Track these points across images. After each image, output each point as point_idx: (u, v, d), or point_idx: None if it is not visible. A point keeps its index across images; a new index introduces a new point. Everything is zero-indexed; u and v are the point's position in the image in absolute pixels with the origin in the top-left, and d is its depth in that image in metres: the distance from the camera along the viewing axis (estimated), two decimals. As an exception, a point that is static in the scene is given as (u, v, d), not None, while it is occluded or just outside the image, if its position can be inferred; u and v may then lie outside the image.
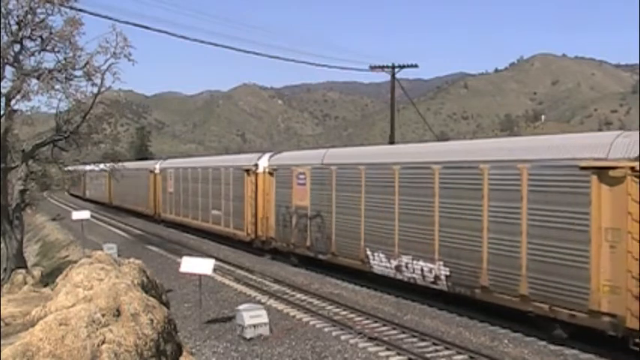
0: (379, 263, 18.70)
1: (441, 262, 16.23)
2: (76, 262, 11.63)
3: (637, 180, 11.57)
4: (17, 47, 22.28)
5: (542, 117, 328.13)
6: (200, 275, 16.30)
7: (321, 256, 21.87)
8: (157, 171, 43.29)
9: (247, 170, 27.54)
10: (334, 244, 20.96)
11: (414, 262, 17.18)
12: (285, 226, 24.39)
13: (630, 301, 11.55)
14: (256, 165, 26.86)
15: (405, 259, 17.59)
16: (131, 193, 50.13)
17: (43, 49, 22.51)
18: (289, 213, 23.98)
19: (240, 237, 28.48)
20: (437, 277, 16.41)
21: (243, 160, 29.52)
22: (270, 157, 26.48)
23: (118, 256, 18.53)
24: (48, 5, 21.60)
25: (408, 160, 18.07)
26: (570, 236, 12.70)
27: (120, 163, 31.21)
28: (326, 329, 14.74)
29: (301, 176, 23.19)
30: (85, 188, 71.68)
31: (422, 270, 16.92)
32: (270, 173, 25.64)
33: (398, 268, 17.87)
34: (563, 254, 12.83)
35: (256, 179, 26.73)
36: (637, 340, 11.92)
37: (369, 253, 19.15)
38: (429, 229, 16.66)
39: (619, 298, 11.76)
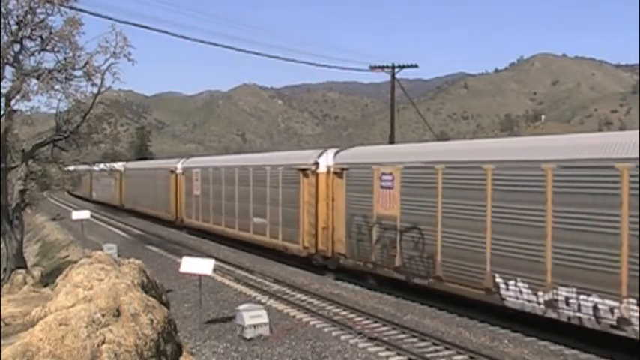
0: (517, 295, 14.03)
1: (632, 299, 11.61)
2: (76, 262, 11.64)
3: None
4: (17, 47, 22.30)
5: (542, 117, 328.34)
6: (200, 275, 16.30)
7: (417, 281, 17.08)
8: (178, 171, 38.22)
9: (304, 170, 22.72)
10: (440, 265, 16.12)
11: (581, 296, 12.56)
12: (360, 240, 19.60)
13: None
14: (316, 164, 22.11)
15: (563, 291, 12.93)
16: (147, 195, 45.45)
17: (43, 49, 22.52)
18: (368, 224, 19.14)
19: (292, 251, 23.61)
20: (622, 320, 11.84)
21: (298, 158, 24.50)
22: (337, 153, 21.78)
23: (118, 256, 18.53)
24: (48, 5, 21.61)
25: (571, 157, 13.14)
26: None
27: (134, 162, 30.86)
28: (326, 329, 14.73)
29: (386, 178, 18.42)
30: (92, 189, 66.66)
31: (595, 308, 12.32)
32: (338, 174, 20.93)
33: (551, 303, 13.21)
34: None
35: (317, 181, 22.01)
36: None
37: (499, 280, 14.47)
38: (612, 252, 11.95)
39: None
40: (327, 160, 21.93)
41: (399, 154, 19.50)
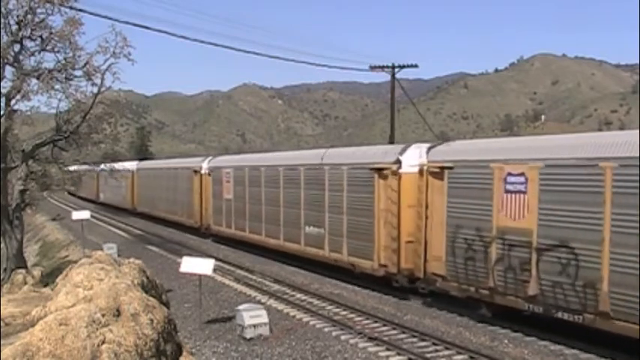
0: None
1: None
2: (76, 262, 11.64)
3: None
4: (17, 47, 22.30)
5: (542, 117, 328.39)
6: (200, 275, 16.31)
7: (565, 316, 13.06)
8: (204, 170, 33.52)
9: (381, 170, 18.43)
10: (606, 297, 12.12)
11: None
12: (471, 258, 15.37)
13: None
14: (398, 162, 17.96)
15: None
16: (164, 197, 40.70)
17: (43, 49, 22.52)
18: (483, 239, 15.01)
19: (363, 269, 19.24)
20: None
21: (371, 155, 19.95)
22: (431, 148, 17.29)
23: (118, 256, 18.53)
24: (48, 5, 21.61)
25: None
26: None
27: (148, 162, 30.31)
28: (326, 329, 14.74)
29: (515, 179, 14.28)
30: (99, 190, 61.22)
31: None
32: (436, 174, 16.41)
33: None
34: None
35: (399, 183, 17.84)
36: None
37: None
38: None
39: None
40: (414, 158, 17.77)
41: (537, 147, 14.67)
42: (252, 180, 27.48)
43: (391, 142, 35.16)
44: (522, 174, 14.11)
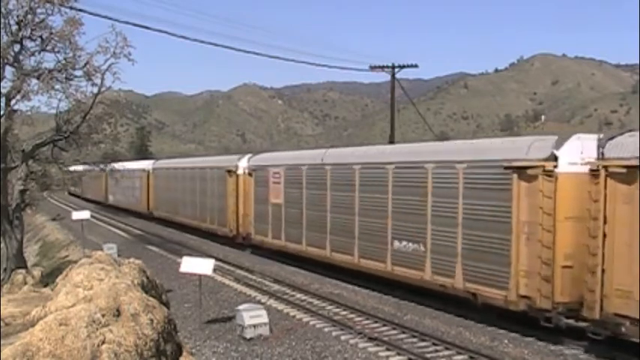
0: None
1: None
2: (76, 262, 11.64)
3: None
4: (17, 47, 22.31)
5: (542, 117, 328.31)
6: (200, 275, 16.31)
7: None
8: (241, 170, 28.86)
9: (522, 169, 14.01)
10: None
11: None
12: None
13: None
14: (553, 158, 13.56)
15: None
16: (188, 201, 36.14)
17: (43, 49, 22.53)
18: None
19: (491, 299, 14.77)
20: None
21: (503, 149, 15.26)
22: (607, 141, 12.67)
23: (118, 256, 18.53)
24: (48, 5, 21.62)
25: None
26: None
27: (167, 160, 29.50)
28: (326, 329, 14.74)
29: None
30: (107, 192, 56.68)
31: None
32: (620, 175, 12.08)
33: None
34: None
35: (554, 187, 13.39)
36: None
37: None
38: None
39: None
40: (575, 153, 13.51)
41: None
42: (312, 181, 22.58)
43: (391, 142, 35.13)
44: None
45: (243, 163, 28.80)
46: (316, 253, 22.14)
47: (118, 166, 29.50)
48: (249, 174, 27.74)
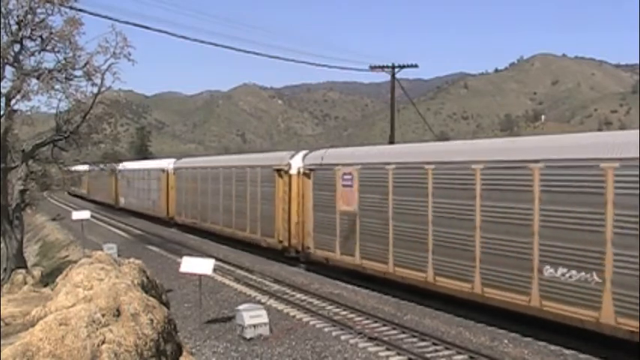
0: None
1: None
2: (76, 262, 11.64)
3: None
4: (17, 47, 22.30)
5: (542, 117, 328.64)
6: (200, 275, 16.30)
7: None
8: (294, 170, 23.99)
9: None
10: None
11: None
12: None
13: None
14: None
15: None
16: (222, 206, 30.89)
17: (43, 49, 22.52)
18: None
19: None
20: None
21: None
22: None
23: (118, 256, 18.53)
24: (48, 5, 21.61)
25: None
26: None
27: (191, 159, 28.32)
28: (326, 329, 14.74)
29: None
30: (118, 194, 51.73)
31: None
32: None
33: None
34: None
35: None
36: None
37: None
38: None
39: None
40: None
41: None
42: (403, 183, 17.70)
43: (391, 142, 35.12)
44: None
45: (296, 162, 23.95)
46: (413, 276, 17.24)
47: (129, 165, 28.82)
48: (306, 174, 22.84)
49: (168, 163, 40.32)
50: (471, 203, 15.08)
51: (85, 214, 30.47)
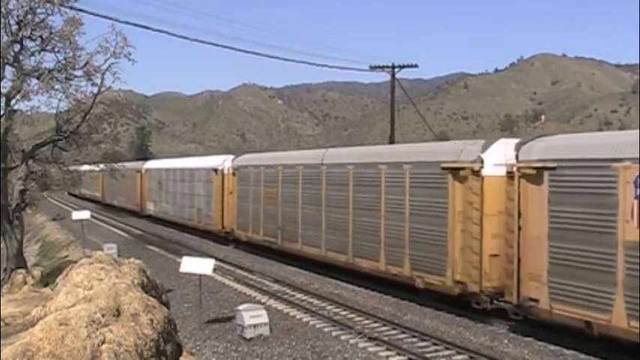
0: None
1: None
2: (76, 262, 11.64)
3: None
4: (17, 47, 22.29)
5: (542, 117, 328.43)
6: (200, 275, 16.31)
7: None
8: (488, 169, 15.25)
9: None
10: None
11: None
12: None
13: None
14: None
15: None
16: (327, 220, 21.64)
17: (43, 49, 22.51)
18: None
19: None
20: None
21: None
22: None
23: (118, 256, 18.54)
24: (48, 5, 21.60)
25: None
26: None
27: (263, 154, 26.63)
28: (326, 329, 14.74)
29: None
30: (144, 198, 43.38)
31: None
32: None
33: None
34: None
35: None
36: None
37: None
38: None
39: None
40: None
41: None
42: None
43: (391, 142, 35.11)
44: None
45: (489, 156, 15.45)
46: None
47: (160, 163, 27.29)
48: (509, 176, 14.46)
49: (222, 161, 31.58)
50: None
51: (85, 214, 30.48)
